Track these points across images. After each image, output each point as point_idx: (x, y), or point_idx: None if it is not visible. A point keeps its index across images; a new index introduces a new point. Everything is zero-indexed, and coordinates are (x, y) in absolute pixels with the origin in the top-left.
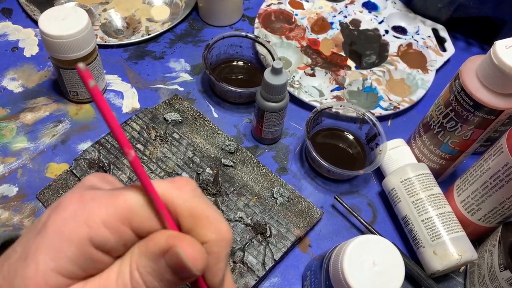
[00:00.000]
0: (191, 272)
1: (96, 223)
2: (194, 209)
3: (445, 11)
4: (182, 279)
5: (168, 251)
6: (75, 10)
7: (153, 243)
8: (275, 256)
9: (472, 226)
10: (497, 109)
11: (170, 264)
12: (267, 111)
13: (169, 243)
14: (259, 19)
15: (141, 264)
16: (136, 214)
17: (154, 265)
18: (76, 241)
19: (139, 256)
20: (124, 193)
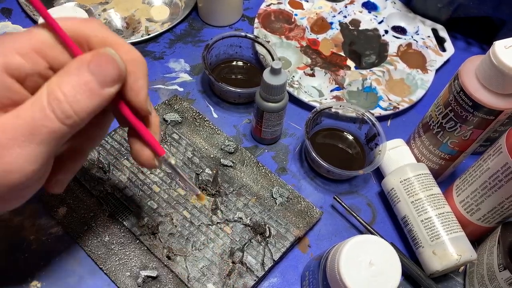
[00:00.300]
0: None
1: (10, 52)
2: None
3: (445, 11)
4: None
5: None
6: (75, 10)
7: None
8: (274, 256)
9: (471, 226)
10: (497, 109)
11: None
12: (266, 111)
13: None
14: (259, 19)
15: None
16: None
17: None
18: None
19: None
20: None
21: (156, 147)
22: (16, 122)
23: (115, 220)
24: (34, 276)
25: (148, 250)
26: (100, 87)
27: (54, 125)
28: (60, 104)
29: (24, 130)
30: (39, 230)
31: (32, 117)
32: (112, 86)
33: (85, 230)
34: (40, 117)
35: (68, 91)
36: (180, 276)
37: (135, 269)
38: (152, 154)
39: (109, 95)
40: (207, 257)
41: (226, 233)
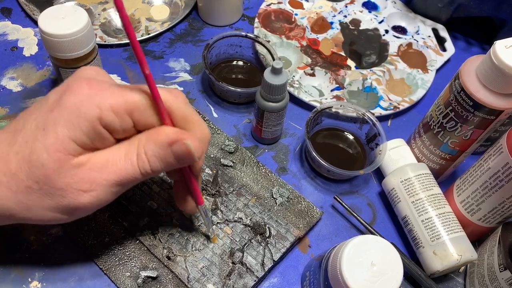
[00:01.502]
0: (193, 158)
1: (106, 107)
2: (186, 115)
3: (445, 11)
4: (181, 163)
5: (176, 142)
6: (75, 9)
7: (163, 134)
8: (274, 256)
9: (472, 226)
10: (497, 109)
11: (176, 152)
12: (266, 111)
13: (179, 136)
14: (259, 18)
15: (149, 149)
16: (139, 109)
17: (161, 151)
18: (89, 118)
19: (147, 142)
20: (134, 90)
21: (200, 199)
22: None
23: (115, 221)
24: (34, 276)
25: (148, 251)
26: (175, 163)
27: (136, 176)
28: (144, 165)
29: (116, 176)
30: (39, 230)
31: (125, 168)
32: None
33: (85, 230)
34: (128, 169)
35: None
36: (180, 277)
37: (135, 270)
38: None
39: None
40: (207, 258)
41: (226, 233)
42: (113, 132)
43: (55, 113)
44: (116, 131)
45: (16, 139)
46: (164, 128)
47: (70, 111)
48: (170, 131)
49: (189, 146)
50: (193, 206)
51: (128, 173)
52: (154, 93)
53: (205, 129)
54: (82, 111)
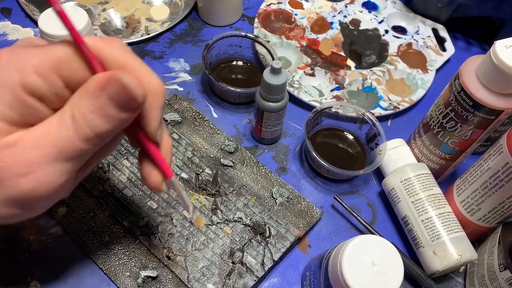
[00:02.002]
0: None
1: (27, 70)
2: (126, 60)
3: (445, 11)
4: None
5: (109, 82)
6: (75, 9)
7: (92, 81)
8: (274, 256)
9: (472, 226)
10: (497, 109)
11: (112, 94)
12: (266, 111)
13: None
14: (259, 18)
15: (82, 105)
16: (66, 64)
17: (96, 101)
18: (10, 87)
19: (78, 98)
20: (55, 45)
21: (165, 170)
22: (45, 140)
23: (115, 220)
24: (34, 276)
25: (148, 250)
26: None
27: (79, 145)
28: (83, 128)
29: (53, 149)
30: (39, 230)
31: (60, 137)
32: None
33: (85, 230)
34: (67, 138)
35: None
36: (180, 276)
37: (135, 269)
38: (161, 178)
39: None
40: (207, 257)
41: (226, 233)
42: (43, 99)
43: None
44: (47, 97)
45: None
46: (94, 76)
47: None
48: (100, 74)
49: (123, 80)
50: (157, 181)
51: (67, 142)
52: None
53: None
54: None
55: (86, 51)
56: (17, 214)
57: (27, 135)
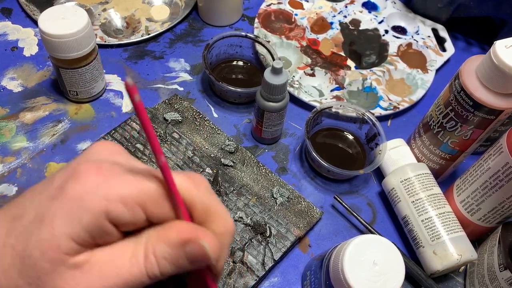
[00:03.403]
0: (209, 260)
1: (114, 199)
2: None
3: (445, 11)
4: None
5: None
6: (75, 9)
7: (175, 233)
8: (275, 256)
9: (471, 226)
10: (497, 109)
11: (190, 253)
12: (267, 111)
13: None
14: (259, 19)
15: (158, 249)
16: (153, 201)
17: (172, 252)
18: (94, 212)
19: (157, 241)
20: (148, 178)
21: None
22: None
23: None
24: None
25: None
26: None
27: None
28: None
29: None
30: None
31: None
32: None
33: None
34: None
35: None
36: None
37: None
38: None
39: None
40: None
41: None
42: (120, 226)
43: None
44: (125, 225)
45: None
46: (177, 223)
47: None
48: (184, 227)
49: (204, 248)
50: None
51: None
52: (169, 185)
53: (228, 222)
54: (86, 203)
55: (177, 196)
56: None
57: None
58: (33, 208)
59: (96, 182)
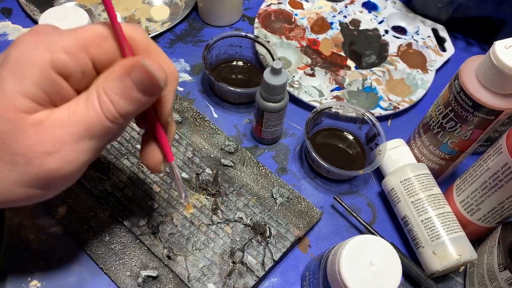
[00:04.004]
0: (157, 83)
1: (57, 49)
2: (149, 45)
3: (445, 11)
4: (147, 94)
5: (134, 67)
6: (75, 10)
7: (119, 66)
8: (275, 256)
9: (471, 226)
10: (497, 110)
11: (137, 79)
12: (266, 111)
13: (135, 60)
14: (259, 19)
15: (107, 87)
16: (95, 44)
17: (121, 85)
18: (39, 65)
19: (105, 80)
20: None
21: (168, 153)
22: (73, 119)
23: (115, 220)
24: (34, 276)
25: (148, 250)
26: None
27: (105, 123)
28: (108, 107)
29: (81, 127)
30: (39, 229)
31: (87, 116)
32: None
33: (85, 229)
34: (95, 116)
35: (114, 97)
36: (181, 276)
37: (135, 269)
38: (161, 159)
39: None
40: (207, 257)
41: (226, 233)
42: (70, 78)
43: (2, 69)
44: (74, 76)
45: None
46: (121, 60)
47: (15, 63)
48: (127, 60)
49: (148, 67)
50: (157, 160)
51: (93, 121)
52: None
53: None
54: (30, 59)
55: (120, 33)
56: (35, 195)
57: (53, 114)
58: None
59: (36, 40)
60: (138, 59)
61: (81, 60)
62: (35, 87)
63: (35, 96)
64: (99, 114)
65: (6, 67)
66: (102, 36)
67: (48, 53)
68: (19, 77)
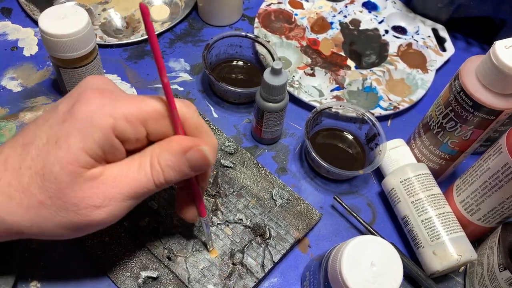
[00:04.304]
0: (208, 164)
1: (120, 116)
2: (199, 125)
3: (445, 11)
4: (196, 171)
5: (190, 149)
6: (75, 9)
7: (176, 143)
8: (274, 258)
9: (471, 226)
10: (497, 109)
11: (191, 159)
12: (266, 111)
13: (193, 143)
14: (259, 18)
15: (162, 158)
16: (153, 119)
17: (175, 159)
18: (103, 128)
19: (161, 152)
20: (147, 99)
21: (202, 210)
22: (124, 180)
23: None
24: (34, 276)
25: (148, 251)
26: (189, 171)
27: (152, 188)
28: (158, 175)
29: (130, 189)
30: None
31: (138, 179)
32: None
33: None
34: (145, 181)
35: (166, 168)
36: (181, 277)
37: (135, 270)
38: (196, 213)
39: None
40: (207, 258)
41: (226, 235)
42: (125, 143)
43: (67, 124)
44: (129, 141)
45: (28, 152)
46: (177, 137)
47: (82, 122)
48: (183, 138)
49: (204, 152)
50: (194, 215)
51: (142, 185)
52: (170, 102)
53: (214, 139)
54: (95, 121)
55: (175, 114)
56: (68, 235)
57: (106, 171)
58: (44, 133)
59: (101, 103)
60: (197, 142)
61: (138, 130)
62: (96, 146)
63: (94, 154)
64: (149, 179)
65: (73, 123)
66: (160, 114)
67: (112, 119)
68: (85, 135)
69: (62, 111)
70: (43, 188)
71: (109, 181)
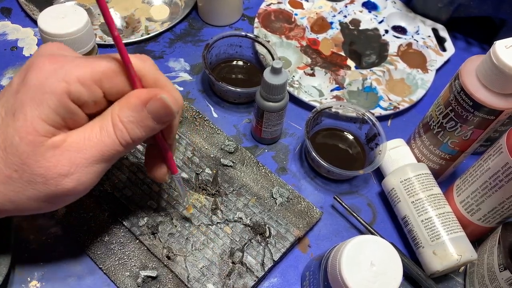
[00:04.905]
0: (172, 113)
1: (73, 80)
2: (158, 79)
3: (445, 11)
4: (161, 123)
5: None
6: (75, 8)
7: (135, 97)
8: (274, 256)
9: (471, 226)
10: (497, 109)
11: (153, 110)
12: (266, 111)
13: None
14: (259, 18)
15: (123, 115)
16: (108, 76)
17: (136, 114)
18: (56, 93)
19: (120, 109)
20: (100, 59)
21: (173, 167)
22: (88, 144)
23: (114, 220)
24: (33, 276)
25: (147, 250)
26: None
27: (118, 148)
28: (123, 134)
29: (95, 152)
30: (39, 230)
31: (102, 141)
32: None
33: (85, 230)
34: (109, 142)
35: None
36: (180, 276)
37: (134, 269)
38: (166, 171)
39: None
40: (207, 257)
41: (226, 233)
42: (83, 106)
43: (21, 94)
44: (87, 104)
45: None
46: (134, 91)
47: (35, 89)
48: (141, 91)
49: (165, 100)
50: (164, 173)
51: (107, 146)
52: (124, 57)
53: (176, 91)
54: (48, 87)
55: (131, 69)
56: (46, 207)
57: (69, 138)
58: (1, 107)
59: (53, 68)
60: (155, 91)
61: (94, 92)
62: (53, 113)
63: (52, 121)
64: (114, 140)
65: (26, 92)
66: (115, 71)
67: (65, 83)
68: (38, 103)
69: (16, 83)
70: (7, 162)
71: (73, 147)
